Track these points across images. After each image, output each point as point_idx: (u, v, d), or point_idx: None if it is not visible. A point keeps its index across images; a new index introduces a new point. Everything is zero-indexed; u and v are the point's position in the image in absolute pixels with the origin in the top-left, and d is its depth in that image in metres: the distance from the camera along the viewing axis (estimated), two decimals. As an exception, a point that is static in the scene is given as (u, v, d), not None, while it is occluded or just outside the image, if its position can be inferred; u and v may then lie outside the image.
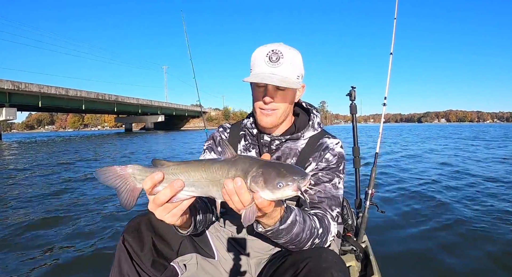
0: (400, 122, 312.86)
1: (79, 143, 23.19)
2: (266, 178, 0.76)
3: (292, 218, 1.02)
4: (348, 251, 1.90)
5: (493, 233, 3.16)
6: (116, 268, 1.20)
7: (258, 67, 1.26)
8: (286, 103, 1.30)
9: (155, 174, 0.81)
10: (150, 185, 0.82)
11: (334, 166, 1.30)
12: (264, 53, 1.25)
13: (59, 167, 8.87)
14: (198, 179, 0.81)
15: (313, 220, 1.12)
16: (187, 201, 0.86)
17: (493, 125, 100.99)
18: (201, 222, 1.24)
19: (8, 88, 32.66)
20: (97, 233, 3.31)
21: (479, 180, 5.93)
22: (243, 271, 1.33)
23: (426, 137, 25.02)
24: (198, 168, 0.82)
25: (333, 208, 1.23)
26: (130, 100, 56.02)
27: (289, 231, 1.02)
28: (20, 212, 4.17)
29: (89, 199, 4.81)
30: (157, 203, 0.84)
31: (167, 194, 0.82)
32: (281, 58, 1.23)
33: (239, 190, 0.78)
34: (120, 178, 0.85)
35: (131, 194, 0.86)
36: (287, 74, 1.24)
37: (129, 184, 0.85)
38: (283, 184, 0.75)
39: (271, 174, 0.77)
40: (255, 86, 1.31)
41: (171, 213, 0.88)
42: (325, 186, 1.26)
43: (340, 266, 0.99)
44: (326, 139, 1.36)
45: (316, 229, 1.10)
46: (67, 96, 41.70)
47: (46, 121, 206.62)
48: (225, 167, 0.80)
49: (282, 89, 1.26)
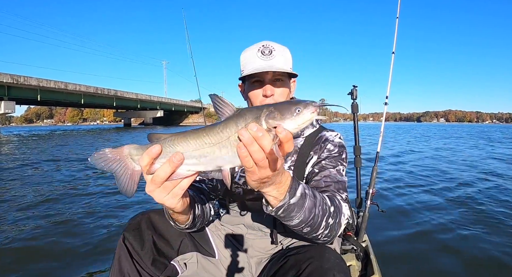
0: (399, 121, 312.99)
1: (77, 138, 23.12)
2: (282, 110, 0.71)
3: (302, 190, 0.93)
4: (349, 250, 1.89)
5: (494, 233, 3.17)
6: (116, 266, 1.20)
7: (251, 63, 1.26)
8: (285, 94, 1.32)
9: (152, 148, 0.73)
10: (148, 160, 0.74)
11: (336, 155, 1.31)
12: (255, 50, 1.26)
13: (58, 163, 8.87)
14: (201, 146, 0.73)
15: (324, 197, 1.05)
16: (188, 179, 0.79)
17: (493, 126, 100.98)
18: (200, 217, 1.19)
19: (7, 81, 32.56)
20: (97, 231, 3.30)
21: (481, 180, 5.95)
22: (243, 270, 1.32)
23: (424, 136, 25.04)
24: (198, 134, 0.73)
25: (341, 191, 1.20)
26: (129, 95, 55.95)
27: (301, 206, 0.93)
28: (19, 211, 4.17)
29: (89, 197, 4.79)
30: (156, 181, 0.76)
31: (166, 169, 0.74)
32: (273, 51, 1.25)
33: (257, 134, 0.68)
34: (117, 161, 0.78)
35: (131, 178, 0.78)
36: (281, 65, 1.26)
37: (127, 167, 0.78)
38: (301, 108, 0.70)
39: (284, 105, 0.72)
40: (251, 84, 1.31)
41: (171, 193, 0.80)
42: (330, 172, 1.25)
43: (342, 267, 0.98)
44: (325, 132, 1.37)
45: (328, 207, 1.03)
46: (66, 90, 41.60)
47: (45, 115, 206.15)
48: (231, 123, 0.72)
49: (281, 81, 1.28)
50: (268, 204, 0.93)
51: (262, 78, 1.27)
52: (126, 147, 0.78)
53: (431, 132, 35.30)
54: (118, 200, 4.49)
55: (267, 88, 1.26)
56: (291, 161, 1.34)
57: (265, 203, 0.94)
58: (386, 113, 2.61)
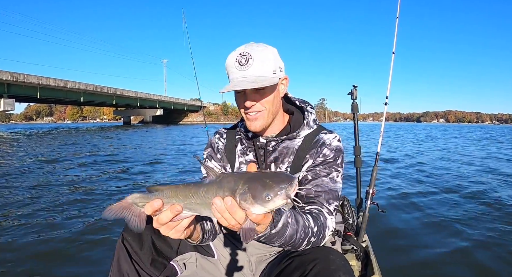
0: (399, 121, 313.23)
1: (75, 136, 23.10)
2: (254, 194, 0.75)
3: (284, 221, 0.99)
4: (349, 250, 1.89)
5: (500, 235, 3.16)
6: (116, 267, 1.19)
7: (231, 73, 1.23)
8: (269, 101, 1.26)
9: (154, 202, 0.85)
10: (151, 211, 0.85)
11: (331, 160, 1.29)
12: (233, 59, 1.22)
13: (56, 163, 8.86)
14: (190, 203, 0.84)
15: (307, 219, 1.10)
16: (187, 219, 0.89)
17: (493, 127, 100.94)
18: (211, 231, 1.22)
19: (6, 79, 32.57)
20: (97, 231, 3.29)
21: (483, 179, 5.95)
22: (243, 269, 1.32)
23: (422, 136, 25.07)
24: (186, 193, 0.84)
25: (331, 202, 1.22)
26: (129, 93, 56.00)
27: (282, 234, 1.00)
28: (18, 210, 4.17)
29: (88, 198, 4.78)
30: (160, 222, 0.86)
31: (168, 216, 0.84)
32: (249, 59, 1.19)
33: (231, 208, 0.77)
34: (125, 210, 0.91)
35: (139, 219, 0.91)
36: (259, 73, 1.20)
37: (134, 212, 0.91)
38: (272, 196, 0.74)
39: (257, 188, 0.76)
40: (235, 93, 1.29)
41: (174, 230, 0.90)
42: (323, 180, 1.25)
43: (347, 269, 0.99)
44: (322, 135, 1.34)
45: (311, 228, 1.09)
46: (65, 88, 41.64)
47: (45, 112, 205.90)
48: (211, 189, 0.81)
49: (261, 89, 1.23)
50: None
51: (242, 90, 1.24)
52: (130, 197, 0.92)
53: (432, 132, 35.30)
54: (117, 201, 4.46)
55: (247, 99, 1.24)
56: (288, 163, 1.33)
57: None
58: (386, 113, 2.60)
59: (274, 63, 1.24)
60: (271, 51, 1.25)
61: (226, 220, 0.79)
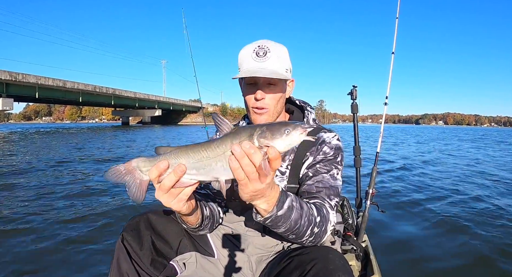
0: (398, 123, 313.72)
1: (70, 137, 23.07)
2: (272, 130, 0.79)
3: (289, 203, 1.00)
4: (348, 250, 1.88)
5: (499, 235, 3.16)
6: (115, 267, 1.19)
7: (246, 63, 1.26)
8: (277, 98, 1.30)
9: (160, 163, 0.83)
10: (157, 174, 0.84)
11: (331, 158, 1.31)
12: (250, 50, 1.25)
13: (55, 164, 8.83)
14: (200, 160, 0.82)
15: (311, 208, 1.10)
16: (191, 187, 0.88)
17: (492, 129, 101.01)
18: (209, 218, 1.24)
19: (5, 78, 32.58)
20: (96, 232, 3.29)
21: (484, 178, 5.97)
22: (243, 269, 1.31)
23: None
24: (198, 148, 0.83)
25: (332, 197, 1.23)
26: (128, 94, 56.04)
27: (287, 218, 1.00)
28: (18, 210, 4.14)
29: (88, 198, 4.77)
30: (163, 189, 0.85)
31: (172, 179, 0.83)
32: (268, 52, 1.24)
33: (248, 151, 0.77)
34: (127, 174, 0.88)
35: (140, 188, 0.88)
36: (275, 68, 1.24)
37: (137, 178, 0.88)
38: (290, 129, 0.78)
39: (275, 126, 0.80)
40: (246, 84, 1.31)
41: (177, 199, 0.89)
42: (323, 177, 1.26)
43: (347, 269, 0.98)
44: (322, 134, 1.36)
45: (314, 217, 1.09)
46: (64, 88, 41.65)
47: (44, 112, 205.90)
48: (227, 140, 0.81)
49: (273, 84, 1.27)
50: (257, 213, 1.00)
51: (255, 80, 1.27)
52: (134, 161, 0.88)
53: (434, 135, 35.36)
54: (117, 201, 4.48)
55: (257, 93, 1.27)
56: (289, 161, 1.34)
57: (254, 211, 1.01)
58: (385, 114, 2.60)
59: (287, 63, 1.30)
60: (286, 51, 1.30)
61: (243, 168, 0.79)
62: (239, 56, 1.29)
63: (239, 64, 1.30)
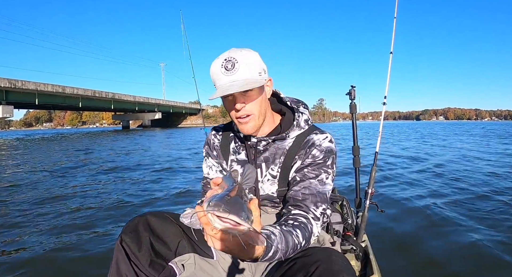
0: (399, 119, 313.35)
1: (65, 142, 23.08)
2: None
3: (274, 249, 0.98)
4: (348, 250, 1.89)
5: (502, 235, 3.14)
6: (114, 268, 1.20)
7: (218, 80, 1.24)
8: (258, 103, 1.28)
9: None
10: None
11: (320, 162, 1.29)
12: (219, 65, 1.23)
13: (54, 166, 8.84)
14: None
15: (297, 236, 1.09)
16: None
17: (493, 123, 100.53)
18: None
19: (4, 86, 32.72)
20: (95, 233, 3.30)
21: (483, 177, 5.95)
22: (242, 270, 1.32)
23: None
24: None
25: (318, 205, 1.22)
26: (127, 98, 56.17)
27: (273, 257, 1.00)
28: (17, 210, 4.16)
29: (86, 200, 4.78)
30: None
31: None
32: (235, 64, 1.21)
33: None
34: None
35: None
36: (246, 76, 1.22)
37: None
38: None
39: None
40: (224, 99, 1.30)
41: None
42: (311, 183, 1.25)
43: (350, 270, 0.99)
44: (313, 136, 1.34)
45: (300, 245, 1.10)
46: (63, 93, 41.75)
47: (44, 118, 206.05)
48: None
49: (250, 90, 1.24)
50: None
51: (230, 94, 1.25)
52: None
53: (434, 130, 35.24)
54: (116, 202, 4.49)
55: (236, 102, 1.26)
56: (279, 163, 1.34)
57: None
58: (385, 111, 2.60)
59: (259, 66, 1.26)
60: (254, 54, 1.27)
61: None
62: (211, 73, 1.28)
63: (213, 81, 1.29)
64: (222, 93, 1.20)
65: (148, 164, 9.02)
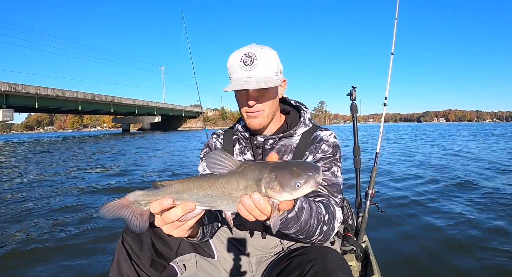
0: (400, 121, 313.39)
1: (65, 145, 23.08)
2: (282, 181, 0.72)
3: (299, 205, 0.99)
4: (348, 251, 1.89)
5: (498, 234, 3.14)
6: (115, 268, 1.20)
7: (235, 73, 1.26)
8: (270, 102, 1.31)
9: (163, 200, 0.79)
10: (159, 210, 0.80)
11: (330, 155, 1.32)
12: (238, 59, 1.25)
13: (54, 165, 8.84)
14: (204, 196, 0.78)
15: (319, 207, 1.11)
16: (194, 218, 0.84)
17: (494, 125, 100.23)
18: (208, 227, 1.23)
19: (5, 89, 32.87)
20: (96, 233, 3.30)
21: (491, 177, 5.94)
22: (243, 270, 1.32)
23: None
24: (202, 184, 0.77)
25: (336, 194, 1.24)
26: (127, 101, 56.28)
27: (298, 219, 1.00)
28: (18, 211, 4.15)
29: (87, 200, 4.79)
30: (165, 221, 0.82)
31: (178, 214, 0.80)
32: (255, 60, 1.23)
33: (259, 204, 0.74)
34: (124, 209, 0.83)
35: (141, 219, 0.84)
36: (264, 74, 1.24)
37: (136, 211, 0.83)
38: (301, 183, 0.72)
39: (285, 176, 0.72)
40: (237, 92, 1.32)
41: (179, 229, 0.87)
42: (325, 175, 1.27)
43: (345, 268, 0.99)
44: (319, 132, 1.38)
45: (323, 216, 1.10)
46: (63, 97, 41.87)
47: (46, 121, 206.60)
48: (233, 180, 0.75)
49: (264, 89, 1.27)
50: None
51: (246, 89, 1.27)
52: (131, 195, 0.83)
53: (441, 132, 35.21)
54: (116, 198, 4.47)
55: (250, 98, 1.28)
56: (288, 160, 1.35)
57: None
58: (386, 113, 2.61)
59: (276, 65, 1.29)
60: (274, 54, 1.30)
61: (255, 217, 0.77)
62: (228, 65, 1.30)
63: (229, 73, 1.31)
64: (238, 87, 1.22)
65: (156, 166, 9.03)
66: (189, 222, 0.86)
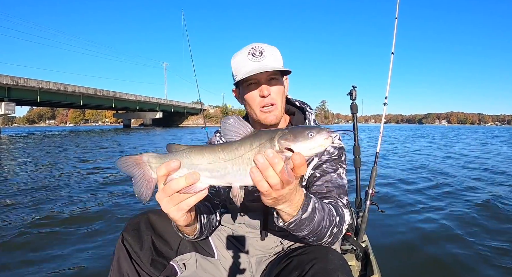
0: (401, 123, 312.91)
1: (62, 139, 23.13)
2: (295, 133, 0.73)
3: (312, 205, 0.99)
4: (348, 250, 1.90)
5: (498, 234, 3.15)
6: (115, 267, 1.20)
7: (244, 67, 1.27)
8: (281, 94, 1.33)
9: (171, 162, 0.77)
10: (165, 172, 0.78)
11: (336, 157, 1.33)
12: (245, 53, 1.27)
13: (54, 165, 8.85)
14: (215, 161, 0.76)
15: (330, 208, 1.11)
16: (196, 197, 0.82)
17: (496, 128, 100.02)
18: (206, 225, 1.23)
19: (7, 83, 32.90)
20: (97, 232, 3.31)
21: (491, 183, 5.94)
22: (243, 270, 1.32)
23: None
24: (214, 149, 0.77)
25: (342, 196, 1.24)
26: (128, 97, 56.28)
27: (311, 220, 0.99)
28: (18, 211, 4.17)
29: (88, 198, 4.79)
30: (167, 191, 0.80)
31: (181, 183, 0.78)
32: (263, 52, 1.26)
33: (272, 160, 0.72)
34: (136, 167, 0.83)
35: (147, 184, 0.83)
36: (273, 65, 1.27)
37: (145, 173, 0.83)
38: (314, 132, 0.73)
39: (298, 128, 0.74)
40: (247, 86, 1.31)
41: (177, 206, 0.84)
42: (331, 176, 1.27)
43: (345, 268, 0.99)
44: None
45: (334, 217, 1.09)
46: (65, 91, 41.89)
47: (47, 115, 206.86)
48: (246, 142, 0.75)
49: (276, 79, 1.29)
50: (278, 217, 0.99)
51: (257, 79, 1.28)
52: (145, 154, 0.83)
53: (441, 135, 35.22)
54: (117, 201, 4.49)
55: (263, 88, 1.27)
56: None
57: (276, 215, 0.99)
58: (388, 114, 2.62)
59: (281, 61, 1.32)
60: (279, 52, 1.33)
61: (268, 179, 0.74)
62: (233, 63, 1.30)
63: (234, 71, 1.31)
64: (259, 70, 1.22)
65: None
66: (190, 200, 0.82)
